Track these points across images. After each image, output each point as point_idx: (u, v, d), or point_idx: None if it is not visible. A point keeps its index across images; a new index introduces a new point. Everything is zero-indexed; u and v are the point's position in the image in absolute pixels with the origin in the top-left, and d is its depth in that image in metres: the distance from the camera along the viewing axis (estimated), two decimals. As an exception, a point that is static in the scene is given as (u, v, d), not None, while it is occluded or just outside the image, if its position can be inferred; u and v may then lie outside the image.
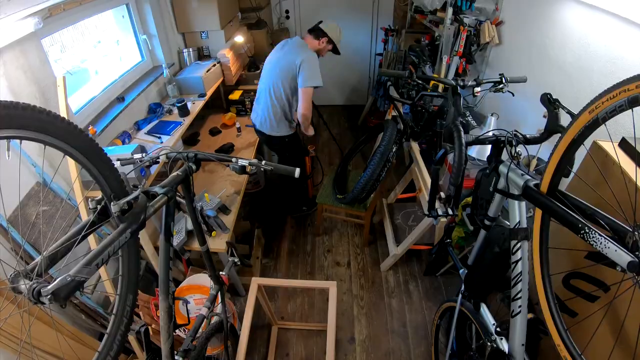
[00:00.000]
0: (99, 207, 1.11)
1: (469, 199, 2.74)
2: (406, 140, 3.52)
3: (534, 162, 2.42)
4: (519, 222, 1.62)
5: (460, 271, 2.23)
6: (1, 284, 1.59)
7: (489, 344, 1.87)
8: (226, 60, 4.06)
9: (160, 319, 1.60)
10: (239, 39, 4.38)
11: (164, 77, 3.67)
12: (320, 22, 3.36)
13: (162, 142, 3.02)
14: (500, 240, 1.79)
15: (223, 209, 3.00)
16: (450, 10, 3.39)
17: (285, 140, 3.57)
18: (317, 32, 3.35)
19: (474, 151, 2.70)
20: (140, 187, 1.20)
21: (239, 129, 4.03)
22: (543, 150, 2.36)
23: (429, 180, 2.88)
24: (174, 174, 1.45)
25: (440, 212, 2.18)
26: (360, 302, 3.35)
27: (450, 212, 2.13)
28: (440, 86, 3.44)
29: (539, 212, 1.41)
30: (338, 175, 3.77)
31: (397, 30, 5.26)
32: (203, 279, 2.63)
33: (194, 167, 1.54)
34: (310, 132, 3.57)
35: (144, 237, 2.52)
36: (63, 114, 2.09)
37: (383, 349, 2.99)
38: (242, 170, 1.54)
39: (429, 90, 3.01)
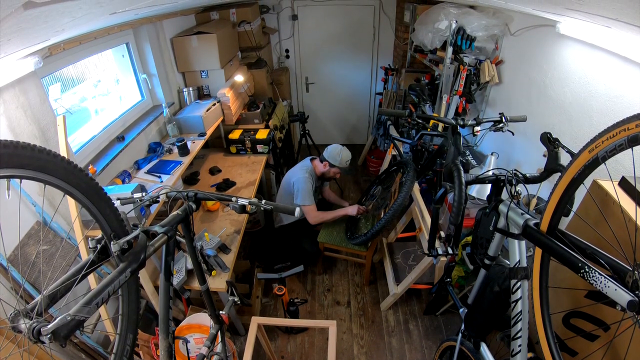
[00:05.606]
0: (99, 246, 1.12)
1: (469, 238, 2.73)
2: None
3: (534, 201, 2.42)
4: (519, 261, 1.61)
5: (460, 310, 2.20)
6: (1, 323, 1.58)
7: (490, 383, 1.84)
8: (226, 99, 4.10)
9: (160, 359, 1.58)
10: (239, 78, 4.44)
11: (164, 116, 3.69)
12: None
13: (162, 182, 3.03)
14: (500, 280, 1.78)
15: (223, 248, 2.98)
16: (450, 50, 3.45)
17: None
18: (320, 156, 3.65)
19: (473, 190, 2.72)
20: (140, 226, 1.21)
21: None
22: (543, 190, 2.37)
23: (429, 220, 2.88)
24: (174, 213, 1.46)
25: (440, 251, 2.19)
26: (360, 341, 3.30)
27: (450, 251, 2.14)
28: (440, 125, 3.48)
29: (538, 251, 1.40)
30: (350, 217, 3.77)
31: (397, 70, 5.34)
32: (203, 318, 2.61)
33: (193, 206, 1.55)
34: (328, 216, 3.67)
35: (144, 276, 2.51)
36: (63, 153, 2.11)
37: (384, 390, 2.92)
38: (242, 209, 1.55)
39: (429, 130, 3.04)
